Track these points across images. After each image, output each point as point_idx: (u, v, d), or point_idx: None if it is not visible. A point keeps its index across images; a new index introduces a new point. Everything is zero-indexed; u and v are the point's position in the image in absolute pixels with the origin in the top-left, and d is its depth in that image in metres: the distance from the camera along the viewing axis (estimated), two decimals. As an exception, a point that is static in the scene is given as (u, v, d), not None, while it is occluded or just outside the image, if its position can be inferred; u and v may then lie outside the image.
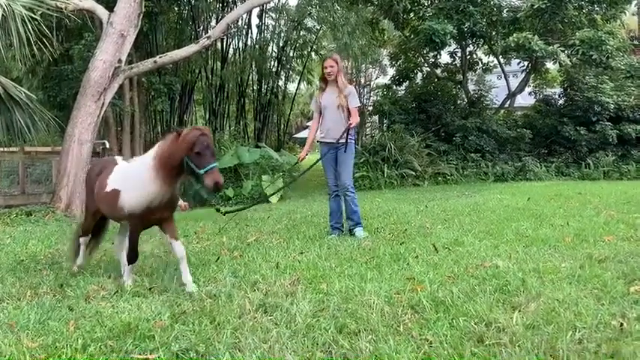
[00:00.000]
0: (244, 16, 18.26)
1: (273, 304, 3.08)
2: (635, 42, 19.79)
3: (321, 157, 5.70)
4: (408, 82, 18.97)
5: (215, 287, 3.51)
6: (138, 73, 11.99)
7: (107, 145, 11.23)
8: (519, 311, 2.83)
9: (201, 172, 3.38)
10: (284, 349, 2.41)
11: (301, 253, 4.65)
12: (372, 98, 23.22)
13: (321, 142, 5.76)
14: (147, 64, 10.84)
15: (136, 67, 10.65)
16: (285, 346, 2.45)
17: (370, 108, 20.17)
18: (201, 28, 19.14)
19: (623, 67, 15.84)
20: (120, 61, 9.50)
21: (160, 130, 19.13)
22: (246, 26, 20.22)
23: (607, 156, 14.92)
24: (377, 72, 28.45)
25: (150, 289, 3.54)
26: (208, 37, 11.19)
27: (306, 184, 15.16)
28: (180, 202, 10.47)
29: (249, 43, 20.74)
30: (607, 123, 15.13)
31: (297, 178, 9.64)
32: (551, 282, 3.40)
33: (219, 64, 20.09)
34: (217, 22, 16.07)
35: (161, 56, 11.12)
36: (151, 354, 2.39)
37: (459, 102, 18.08)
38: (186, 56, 11.89)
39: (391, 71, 20.37)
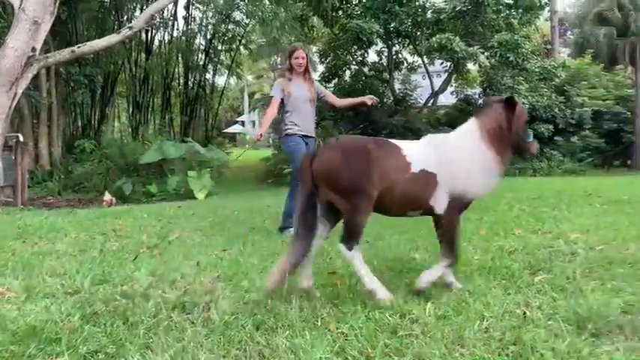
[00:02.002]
0: (170, 7, 17.78)
1: (191, 302, 3.03)
2: (548, 46, 21.08)
3: (288, 150, 5.60)
4: (337, 80, 19.21)
5: (131, 287, 3.40)
6: (55, 63, 11.39)
7: (21, 138, 10.58)
8: (432, 302, 2.93)
9: (530, 139, 3.40)
10: (199, 348, 2.37)
11: (224, 250, 4.60)
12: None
13: (294, 134, 5.48)
14: (64, 54, 10.31)
15: (52, 56, 10.10)
16: (200, 344, 2.41)
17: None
18: (125, 17, 18.44)
19: (536, 70, 16.80)
20: (34, 49, 8.96)
21: (80, 123, 18.28)
22: (172, 17, 19.69)
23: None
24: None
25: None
26: (130, 28, 10.80)
27: (234, 180, 15.04)
28: (107, 196, 10.11)
29: (175, 34, 20.21)
30: (522, 122, 16.00)
31: None
32: (464, 273, 3.55)
33: (143, 55, 19.43)
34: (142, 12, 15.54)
35: (80, 46, 10.62)
36: (56, 357, 2.28)
37: (385, 100, 18.51)
38: (107, 46, 11.43)
39: (321, 68, 20.53)
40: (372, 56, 19.34)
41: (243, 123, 46.53)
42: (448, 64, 16.95)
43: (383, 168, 3.06)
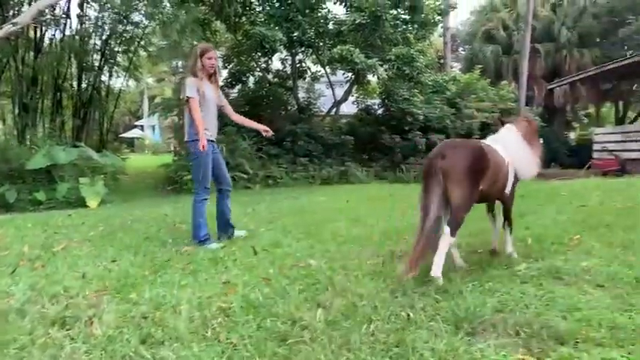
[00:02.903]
0: (62, 3, 16.75)
1: (73, 317, 2.86)
2: (441, 61, 22.35)
3: (199, 156, 5.13)
4: (240, 85, 19.04)
5: (6, 303, 3.15)
6: None
7: None
8: (323, 308, 2.99)
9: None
10: (77, 366, 2.25)
11: (113, 261, 4.39)
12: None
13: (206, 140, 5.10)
14: None
15: None
16: (79, 362, 2.30)
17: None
18: (11, 13, 17.06)
19: (430, 83, 17.72)
20: None
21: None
22: (64, 15, 18.52)
23: (417, 162, 16.56)
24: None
25: None
26: (14, 24, 10.02)
27: (132, 187, 14.42)
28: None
29: (68, 33, 19.01)
30: (417, 132, 16.81)
31: None
32: (356, 278, 3.65)
33: (32, 54, 18.09)
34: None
35: (-46, 40, 9.69)
36: None
37: (289, 108, 18.63)
38: (-13, 42, 10.52)
39: (224, 73, 20.26)
40: (276, 64, 19.38)
41: (142, 127, 44.79)
42: (349, 74, 17.37)
43: (495, 165, 3.84)
